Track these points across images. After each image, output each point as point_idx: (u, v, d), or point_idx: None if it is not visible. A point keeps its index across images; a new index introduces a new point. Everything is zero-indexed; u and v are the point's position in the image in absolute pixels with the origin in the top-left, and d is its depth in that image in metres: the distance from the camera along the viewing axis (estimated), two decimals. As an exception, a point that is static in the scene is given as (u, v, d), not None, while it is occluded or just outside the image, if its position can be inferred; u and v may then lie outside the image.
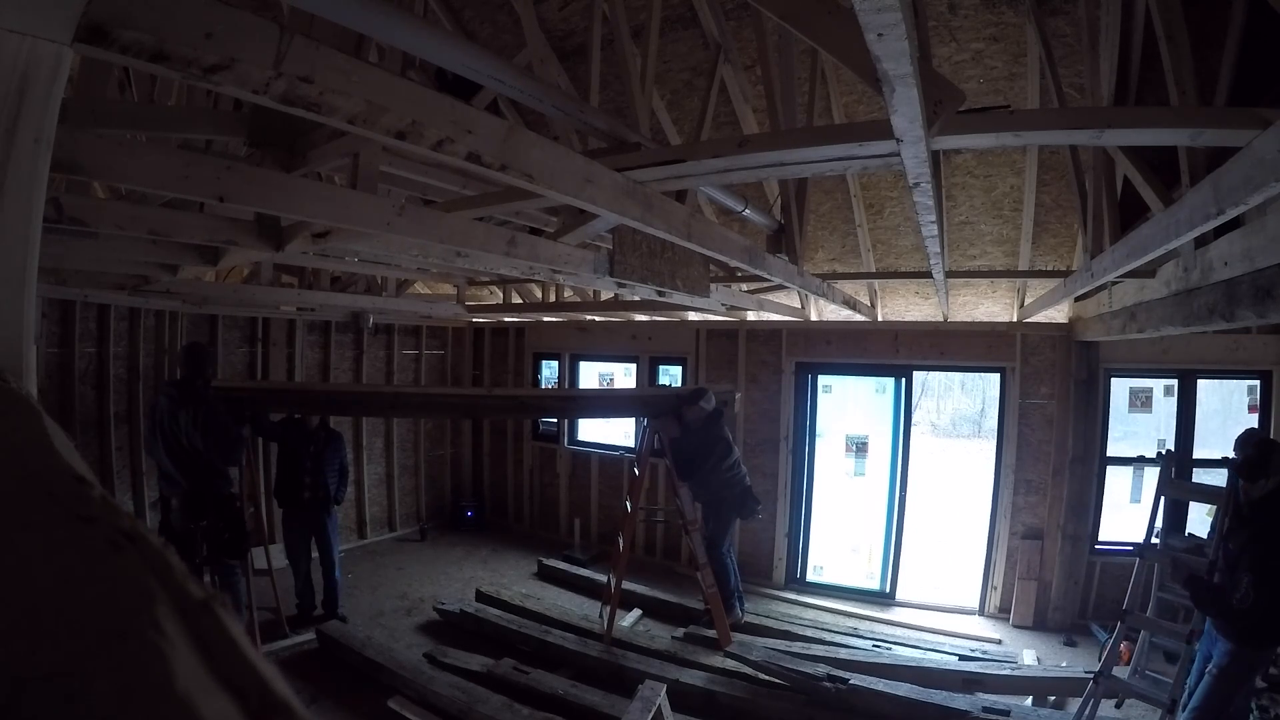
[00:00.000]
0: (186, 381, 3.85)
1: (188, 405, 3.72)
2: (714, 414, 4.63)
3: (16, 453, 0.45)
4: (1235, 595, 2.78)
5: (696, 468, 4.51)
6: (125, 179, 1.99)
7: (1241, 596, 2.75)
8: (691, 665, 4.10)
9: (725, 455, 4.62)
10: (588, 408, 5.53)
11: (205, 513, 3.78)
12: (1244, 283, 2.09)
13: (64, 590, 0.26)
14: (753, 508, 4.71)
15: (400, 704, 3.63)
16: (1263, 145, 1.40)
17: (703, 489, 4.62)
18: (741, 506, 4.69)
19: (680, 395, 4.69)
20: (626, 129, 2.56)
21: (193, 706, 0.20)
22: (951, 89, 1.58)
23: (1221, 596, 2.89)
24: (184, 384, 3.85)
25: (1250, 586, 2.72)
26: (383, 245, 2.85)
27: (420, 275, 5.81)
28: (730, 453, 4.69)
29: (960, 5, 3.59)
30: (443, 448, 7.89)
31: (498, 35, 4.64)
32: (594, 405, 5.32)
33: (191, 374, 3.86)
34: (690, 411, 4.55)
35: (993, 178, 4.53)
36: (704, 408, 4.57)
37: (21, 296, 0.79)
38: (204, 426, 3.70)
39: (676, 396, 4.69)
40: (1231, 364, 4.84)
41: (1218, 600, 2.90)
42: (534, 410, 5.94)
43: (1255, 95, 2.05)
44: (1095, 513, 5.10)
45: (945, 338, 5.58)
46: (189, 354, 3.95)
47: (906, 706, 3.53)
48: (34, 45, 0.78)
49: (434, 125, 1.39)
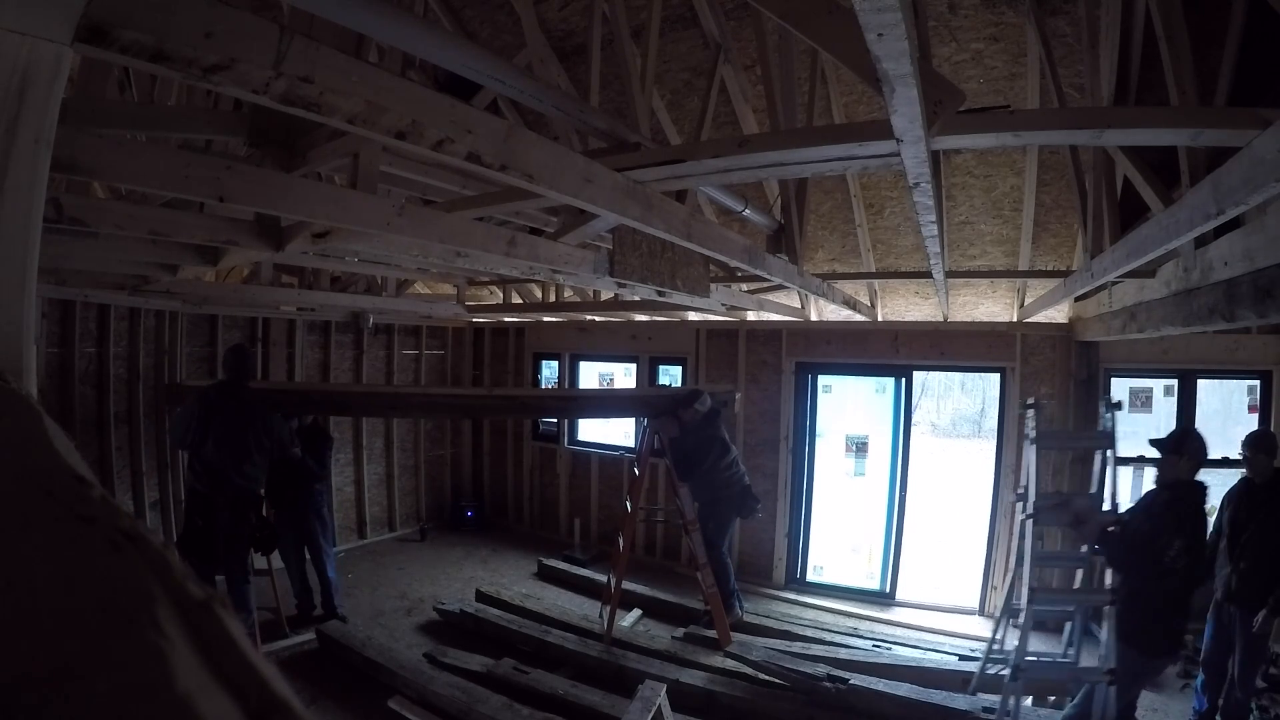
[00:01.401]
0: (234, 383, 4.04)
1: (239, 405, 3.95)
2: (710, 414, 4.64)
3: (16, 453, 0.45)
4: (1168, 555, 2.87)
5: (695, 466, 4.53)
6: (125, 179, 1.99)
7: (1174, 556, 2.86)
8: (691, 665, 4.10)
9: (722, 455, 4.63)
10: (587, 408, 5.53)
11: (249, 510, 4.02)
12: (1244, 283, 2.09)
13: (64, 590, 0.26)
14: (752, 506, 4.72)
15: (400, 704, 3.63)
16: (1263, 145, 1.40)
17: (702, 489, 4.63)
18: (740, 506, 4.70)
19: (676, 397, 4.70)
20: (626, 129, 2.56)
21: (193, 706, 0.20)
22: (951, 89, 1.58)
23: (1142, 555, 2.97)
24: (231, 385, 4.04)
25: (1182, 550, 2.85)
26: (383, 245, 2.85)
27: (420, 275, 5.81)
28: (727, 452, 4.70)
29: (960, 5, 3.59)
30: (443, 448, 7.89)
31: (498, 35, 4.64)
32: (593, 406, 5.32)
33: (239, 375, 4.06)
34: (686, 413, 4.57)
35: (993, 178, 4.53)
36: (698, 409, 4.58)
37: (21, 296, 0.79)
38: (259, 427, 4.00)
39: (673, 398, 4.70)
40: (1231, 364, 4.84)
41: (1140, 558, 2.97)
42: (534, 411, 5.95)
43: (1255, 95, 2.05)
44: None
45: (945, 338, 5.57)
46: (236, 355, 4.14)
47: (906, 706, 3.53)
48: (34, 45, 0.78)
49: (434, 125, 1.39)
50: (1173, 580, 2.89)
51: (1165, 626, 2.96)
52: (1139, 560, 2.98)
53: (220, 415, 3.92)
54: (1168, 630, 2.97)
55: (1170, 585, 2.89)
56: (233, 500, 3.91)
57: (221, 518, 3.90)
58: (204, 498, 3.93)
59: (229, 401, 3.95)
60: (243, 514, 3.98)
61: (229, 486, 3.88)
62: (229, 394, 3.98)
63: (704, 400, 4.62)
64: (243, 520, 3.99)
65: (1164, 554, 2.87)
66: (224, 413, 3.92)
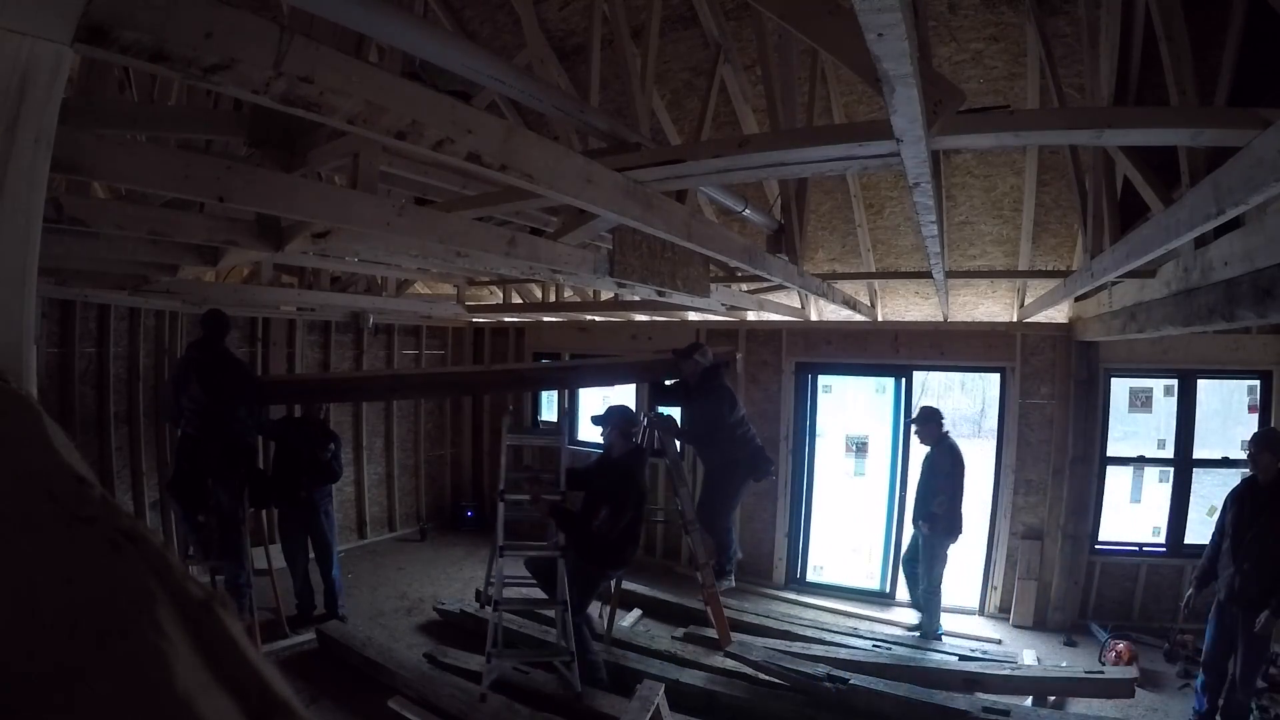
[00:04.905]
0: (210, 340, 4.22)
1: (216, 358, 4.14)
2: (713, 369, 4.46)
3: (16, 453, 0.45)
4: (594, 523, 3.65)
5: (710, 427, 4.33)
6: (125, 179, 1.99)
7: (599, 524, 3.64)
8: (691, 665, 4.10)
9: (733, 408, 4.42)
10: (586, 376, 5.46)
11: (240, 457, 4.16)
12: (1244, 283, 2.08)
13: (64, 590, 0.26)
14: (766, 467, 4.49)
15: (400, 704, 3.63)
16: (1263, 145, 1.40)
17: (715, 452, 4.45)
18: (754, 467, 4.46)
19: (675, 350, 4.55)
20: (626, 129, 2.56)
21: (193, 706, 0.20)
22: (951, 89, 1.58)
23: (583, 525, 3.73)
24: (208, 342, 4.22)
25: (607, 517, 3.62)
26: (383, 245, 2.86)
27: (420, 275, 5.81)
28: (737, 405, 4.49)
29: (960, 5, 3.59)
30: (443, 448, 7.88)
31: (498, 35, 4.64)
32: (592, 374, 5.22)
33: (215, 333, 4.23)
34: (687, 365, 4.40)
35: (993, 178, 4.53)
36: (699, 360, 4.40)
37: (21, 296, 0.79)
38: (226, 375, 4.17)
39: (673, 351, 4.55)
40: (1231, 364, 4.84)
41: (580, 529, 3.74)
42: (531, 383, 5.88)
43: (1255, 95, 2.04)
44: (1095, 513, 5.10)
45: (945, 338, 5.57)
46: (212, 315, 4.31)
47: (906, 706, 3.52)
48: (34, 45, 0.78)
49: (434, 125, 1.39)
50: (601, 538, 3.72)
51: (618, 554, 3.89)
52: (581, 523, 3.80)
53: (199, 367, 4.11)
54: (603, 557, 3.88)
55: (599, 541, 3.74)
56: (223, 445, 4.03)
57: (210, 461, 4.00)
58: (193, 440, 4.05)
59: (206, 354, 4.14)
60: (233, 460, 4.08)
61: (217, 426, 4.00)
62: (206, 348, 4.17)
63: (704, 352, 4.46)
64: (233, 467, 4.09)
65: (590, 521, 3.72)
66: (202, 364, 4.11)
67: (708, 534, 4.41)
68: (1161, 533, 5.00)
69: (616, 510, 3.66)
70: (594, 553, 3.81)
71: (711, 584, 4.30)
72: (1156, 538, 5.02)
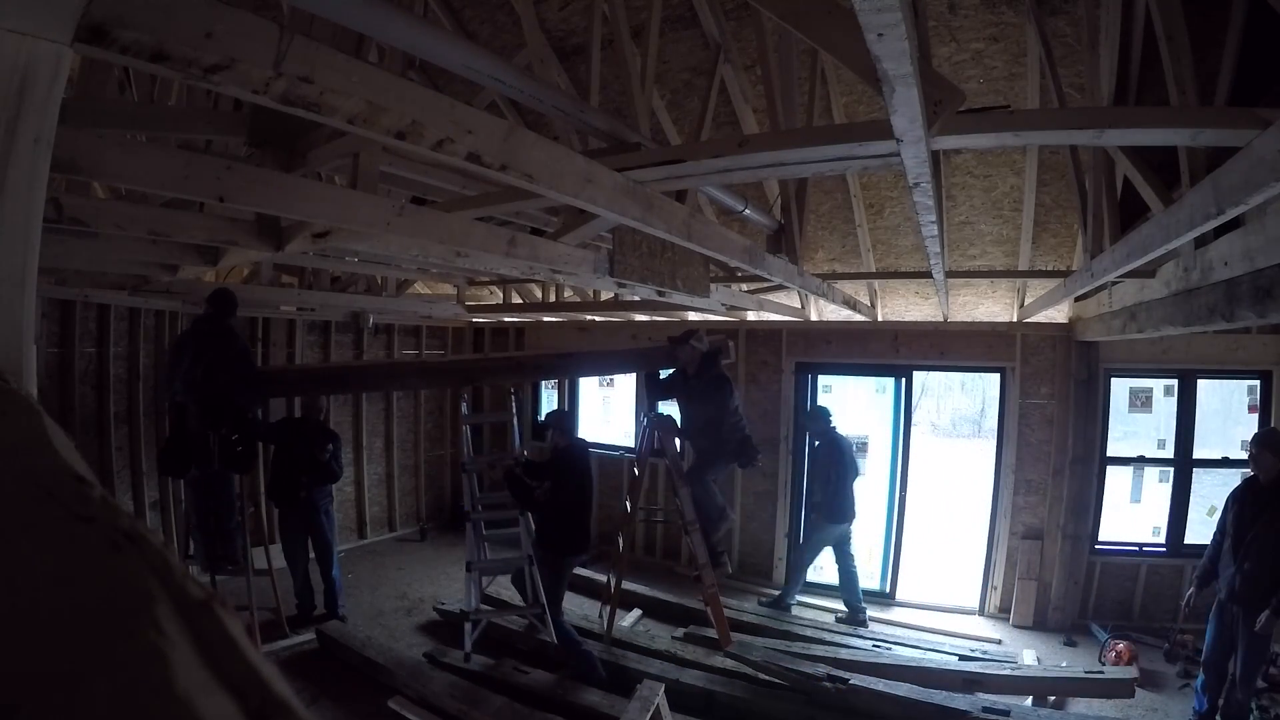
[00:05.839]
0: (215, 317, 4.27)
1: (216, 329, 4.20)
2: (709, 356, 4.42)
3: (16, 453, 0.45)
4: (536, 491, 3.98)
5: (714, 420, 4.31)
6: (125, 179, 1.99)
7: (540, 491, 3.97)
8: (691, 665, 4.10)
9: (730, 396, 4.40)
10: (584, 365, 5.54)
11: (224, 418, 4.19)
12: (1244, 283, 2.09)
13: (64, 590, 0.26)
14: (751, 455, 4.46)
15: (400, 704, 3.63)
16: (1263, 145, 1.40)
17: (703, 438, 4.46)
18: (739, 455, 4.45)
19: (671, 337, 4.53)
20: (626, 129, 2.56)
21: (193, 706, 0.20)
22: (951, 89, 1.58)
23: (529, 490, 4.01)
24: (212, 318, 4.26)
25: (549, 489, 3.96)
26: (383, 245, 2.85)
27: (420, 275, 5.81)
28: (734, 394, 4.47)
29: (960, 5, 3.59)
30: (443, 448, 7.88)
31: (498, 35, 4.64)
32: (590, 363, 5.28)
33: (219, 313, 4.28)
34: (684, 352, 4.37)
35: (993, 178, 4.53)
36: (696, 346, 4.36)
37: (21, 296, 0.79)
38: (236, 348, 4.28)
39: (669, 338, 4.53)
40: (1231, 364, 4.84)
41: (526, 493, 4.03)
42: (530, 370, 5.87)
43: (1255, 95, 2.04)
44: (1095, 513, 5.10)
45: (945, 338, 5.57)
46: (221, 293, 4.35)
47: (906, 706, 3.52)
48: (34, 45, 0.78)
49: (434, 125, 1.39)
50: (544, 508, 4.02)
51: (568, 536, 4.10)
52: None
53: (194, 338, 4.19)
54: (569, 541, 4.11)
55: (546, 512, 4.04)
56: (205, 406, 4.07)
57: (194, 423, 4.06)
58: (181, 408, 4.16)
59: (204, 325, 4.21)
60: (215, 420, 4.13)
61: (201, 390, 4.05)
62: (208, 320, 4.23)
63: (700, 338, 4.43)
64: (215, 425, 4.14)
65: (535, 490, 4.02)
66: (197, 335, 4.19)
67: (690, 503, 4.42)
68: (1161, 533, 5.00)
69: (557, 485, 4.02)
70: (547, 536, 4.11)
71: (712, 584, 4.29)
72: (1156, 538, 5.02)
